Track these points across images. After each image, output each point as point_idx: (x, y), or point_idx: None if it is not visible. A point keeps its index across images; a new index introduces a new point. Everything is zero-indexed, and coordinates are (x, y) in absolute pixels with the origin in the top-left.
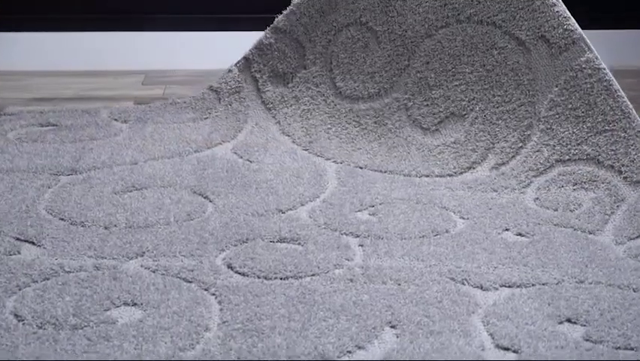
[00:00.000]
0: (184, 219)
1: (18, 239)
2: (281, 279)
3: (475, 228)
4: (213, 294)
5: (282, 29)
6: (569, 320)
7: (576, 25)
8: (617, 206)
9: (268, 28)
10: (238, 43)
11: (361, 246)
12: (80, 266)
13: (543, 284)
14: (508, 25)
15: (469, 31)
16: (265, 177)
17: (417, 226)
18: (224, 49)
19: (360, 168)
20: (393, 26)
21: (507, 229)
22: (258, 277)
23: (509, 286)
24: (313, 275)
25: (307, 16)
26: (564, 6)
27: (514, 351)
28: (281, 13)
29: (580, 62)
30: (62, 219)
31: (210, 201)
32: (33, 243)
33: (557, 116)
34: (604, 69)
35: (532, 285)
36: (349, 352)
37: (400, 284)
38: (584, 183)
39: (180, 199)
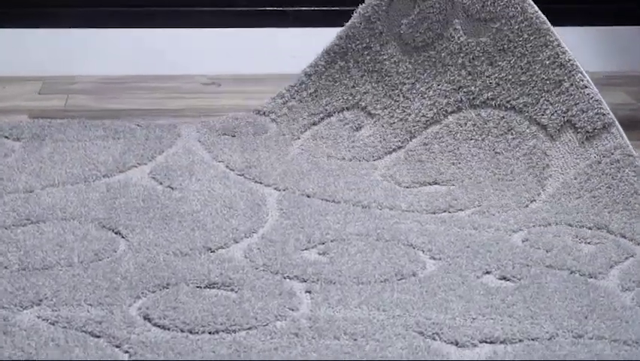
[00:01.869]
0: (91, 259)
1: None
2: (210, 333)
3: (448, 270)
4: (127, 351)
5: (263, 112)
6: None
7: (608, 109)
8: (625, 258)
9: (252, 111)
10: (157, 43)
11: (309, 292)
12: None
13: (533, 340)
14: (530, 109)
15: (484, 115)
16: (190, 208)
17: (377, 268)
18: (140, 49)
19: (308, 196)
20: (395, 110)
21: (488, 272)
22: (182, 331)
23: (491, 342)
24: (250, 328)
25: (297, 100)
26: (596, 88)
27: None
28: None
29: (608, 147)
30: None
31: (123, 238)
32: None
33: (569, 195)
34: (636, 157)
35: (520, 340)
36: None
37: (356, 340)
38: (587, 238)
39: (86, 235)
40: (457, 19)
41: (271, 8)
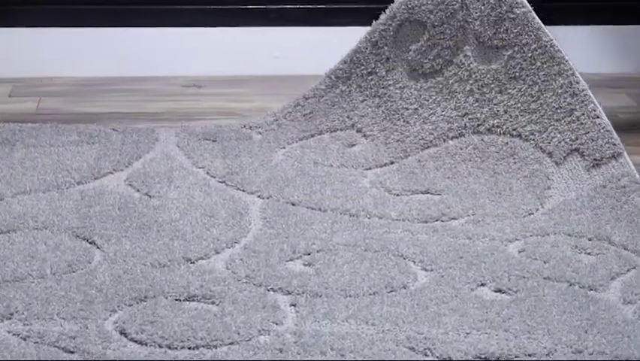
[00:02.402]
0: (64, 270)
1: None
2: (189, 348)
3: (441, 282)
4: None
5: (249, 127)
6: None
7: (618, 139)
8: (627, 270)
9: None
10: (135, 43)
11: (294, 306)
12: None
13: (530, 355)
14: (537, 137)
15: (486, 140)
16: (169, 217)
17: (366, 280)
18: (117, 49)
19: (293, 204)
20: (392, 133)
21: (483, 284)
22: (160, 346)
23: (486, 358)
24: (231, 344)
25: (288, 120)
26: (607, 119)
27: None
28: None
29: (615, 174)
30: None
31: (98, 248)
32: None
33: (569, 211)
34: None
35: (516, 356)
36: None
37: (343, 355)
38: (587, 248)
39: (59, 245)
40: (467, 45)
41: (254, 6)
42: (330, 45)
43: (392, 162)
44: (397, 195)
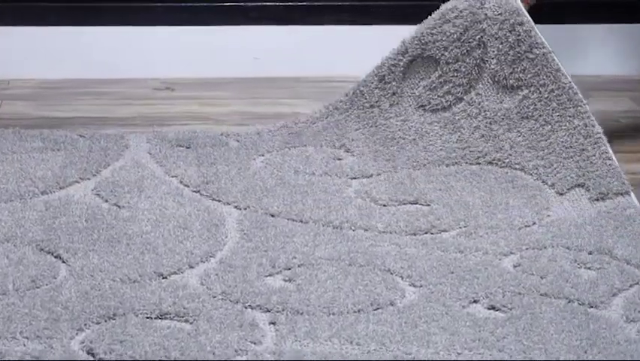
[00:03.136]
0: (27, 286)
1: None
2: None
3: (431, 299)
4: None
5: (227, 134)
6: None
7: (627, 181)
8: (630, 285)
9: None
10: (104, 42)
11: (273, 324)
12: None
13: None
14: (541, 170)
15: (485, 168)
16: (140, 229)
17: (350, 297)
18: (84, 49)
19: (272, 215)
20: (383, 154)
21: (475, 301)
22: None
23: None
24: None
25: (271, 135)
26: (617, 162)
27: None
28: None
29: (621, 206)
30: None
31: (64, 262)
32: None
33: (569, 225)
34: None
35: None
36: None
37: None
38: (587, 262)
39: (22, 259)
40: (481, 84)
41: (232, 4)
42: (313, 45)
43: (379, 174)
44: (384, 205)
